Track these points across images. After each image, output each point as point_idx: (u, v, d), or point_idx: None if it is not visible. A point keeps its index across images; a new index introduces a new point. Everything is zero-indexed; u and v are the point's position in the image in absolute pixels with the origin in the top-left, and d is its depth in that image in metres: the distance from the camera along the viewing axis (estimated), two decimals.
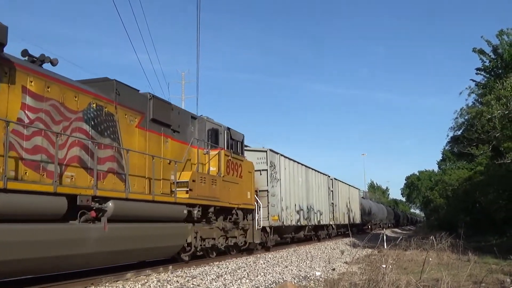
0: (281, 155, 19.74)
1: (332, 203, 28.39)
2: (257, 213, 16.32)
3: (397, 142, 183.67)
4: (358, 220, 35.95)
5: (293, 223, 20.46)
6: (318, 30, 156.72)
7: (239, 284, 9.24)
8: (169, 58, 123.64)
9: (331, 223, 27.70)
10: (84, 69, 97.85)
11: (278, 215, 18.24)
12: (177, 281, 9.18)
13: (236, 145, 15.23)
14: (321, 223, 25.38)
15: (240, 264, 12.56)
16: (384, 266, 8.10)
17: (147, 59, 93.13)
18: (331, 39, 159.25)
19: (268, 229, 17.45)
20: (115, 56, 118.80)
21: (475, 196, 27.94)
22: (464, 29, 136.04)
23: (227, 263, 12.62)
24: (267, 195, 17.68)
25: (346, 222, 31.57)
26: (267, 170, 18.05)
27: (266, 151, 18.39)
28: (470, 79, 27.05)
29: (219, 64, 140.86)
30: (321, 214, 25.29)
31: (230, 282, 9.33)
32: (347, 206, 32.67)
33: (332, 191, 28.77)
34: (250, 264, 12.55)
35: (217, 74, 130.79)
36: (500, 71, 22.89)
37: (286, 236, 20.82)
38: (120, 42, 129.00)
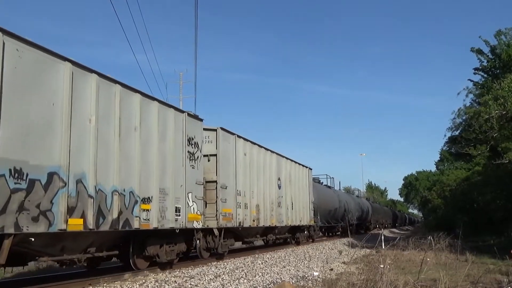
0: None
1: (226, 187, 13.47)
2: None
3: (395, 142, 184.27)
4: (306, 220, 21.95)
5: None
6: (315, 31, 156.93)
7: (237, 284, 9.22)
8: (167, 58, 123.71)
9: (202, 225, 12.10)
10: None
11: None
12: (175, 281, 9.16)
13: None
14: (135, 226, 9.25)
15: (238, 264, 12.55)
16: (382, 266, 8.10)
17: (145, 60, 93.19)
18: (329, 39, 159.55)
19: None
20: (113, 57, 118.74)
21: (473, 196, 27.99)
22: (462, 30, 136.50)
23: (225, 264, 12.60)
24: None
25: (277, 223, 17.89)
26: None
27: None
28: (468, 79, 27.25)
29: (217, 64, 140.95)
30: (154, 206, 10.06)
31: (228, 282, 9.31)
32: (277, 194, 18.24)
33: (227, 158, 13.84)
34: (248, 264, 12.54)
35: (216, 74, 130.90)
36: (497, 71, 23.01)
37: None
38: (118, 42, 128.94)
